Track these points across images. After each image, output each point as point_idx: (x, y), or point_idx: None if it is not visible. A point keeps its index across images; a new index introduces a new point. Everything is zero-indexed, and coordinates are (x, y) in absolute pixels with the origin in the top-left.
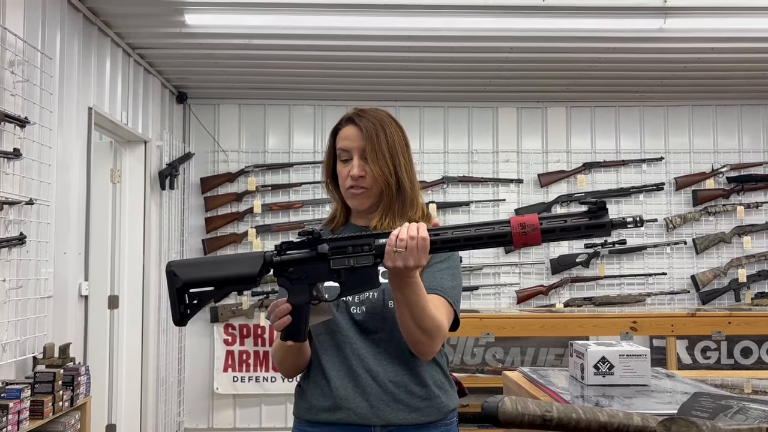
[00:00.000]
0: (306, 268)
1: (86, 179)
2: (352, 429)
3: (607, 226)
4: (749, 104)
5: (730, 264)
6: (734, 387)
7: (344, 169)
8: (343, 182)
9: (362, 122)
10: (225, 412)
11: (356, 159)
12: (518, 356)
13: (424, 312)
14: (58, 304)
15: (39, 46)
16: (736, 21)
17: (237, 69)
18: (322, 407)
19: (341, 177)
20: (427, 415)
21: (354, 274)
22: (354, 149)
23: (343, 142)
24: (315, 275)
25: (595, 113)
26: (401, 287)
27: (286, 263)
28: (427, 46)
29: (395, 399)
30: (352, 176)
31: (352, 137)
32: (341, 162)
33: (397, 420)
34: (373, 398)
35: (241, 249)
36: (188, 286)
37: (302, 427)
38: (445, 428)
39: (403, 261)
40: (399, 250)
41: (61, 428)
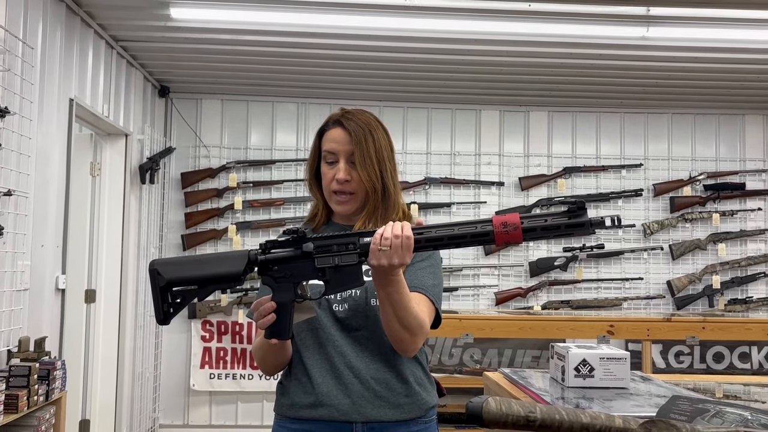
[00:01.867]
0: (290, 267)
1: (66, 171)
2: (334, 425)
3: (586, 225)
4: (727, 114)
5: (705, 270)
6: (706, 391)
7: (330, 171)
8: (328, 184)
9: (350, 125)
10: (201, 409)
11: (342, 163)
12: (496, 357)
13: (407, 310)
14: (35, 297)
15: (20, 35)
16: (717, 32)
17: (221, 64)
18: (303, 404)
19: (326, 179)
20: (407, 411)
21: (338, 273)
22: (341, 152)
23: (330, 144)
24: (299, 274)
25: (576, 118)
26: (385, 285)
27: (270, 262)
28: (411, 47)
29: (377, 396)
30: (337, 180)
31: (340, 140)
32: (326, 164)
33: (379, 416)
34: (354, 395)
35: (221, 245)
36: (172, 285)
37: (283, 423)
38: (425, 425)
39: (388, 259)
40: (384, 249)
41: (35, 423)
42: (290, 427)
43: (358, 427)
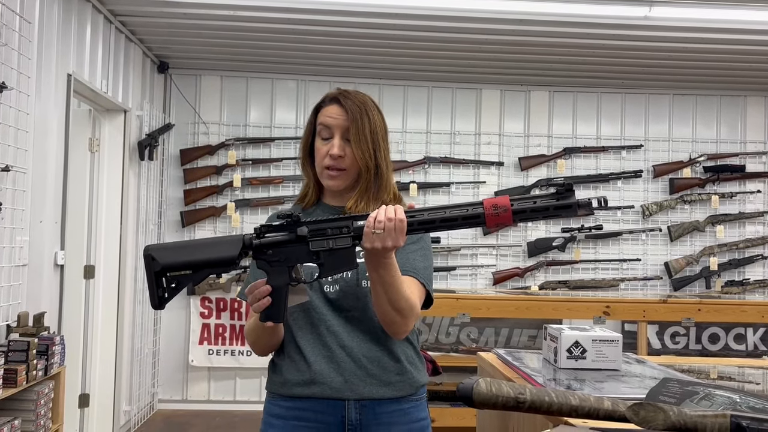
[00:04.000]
0: (285, 251)
1: (64, 147)
2: (327, 403)
3: (573, 207)
4: (729, 95)
5: (703, 252)
6: (701, 372)
7: (323, 146)
8: (321, 160)
9: (347, 103)
10: (199, 384)
11: (337, 139)
12: (492, 336)
13: (399, 293)
14: (33, 272)
15: (18, 9)
16: (720, 12)
17: (220, 40)
18: (296, 382)
19: (319, 154)
20: (399, 389)
21: (333, 255)
22: (336, 128)
23: (326, 119)
24: (294, 257)
25: (577, 98)
26: (377, 267)
27: (265, 246)
28: (412, 25)
29: (369, 374)
30: (331, 155)
31: (336, 116)
32: (321, 139)
33: (371, 394)
34: (347, 373)
35: (219, 222)
36: (166, 270)
37: (276, 401)
38: (415, 402)
39: (381, 242)
40: (377, 232)
41: (34, 397)
42: (283, 405)
43: (351, 404)
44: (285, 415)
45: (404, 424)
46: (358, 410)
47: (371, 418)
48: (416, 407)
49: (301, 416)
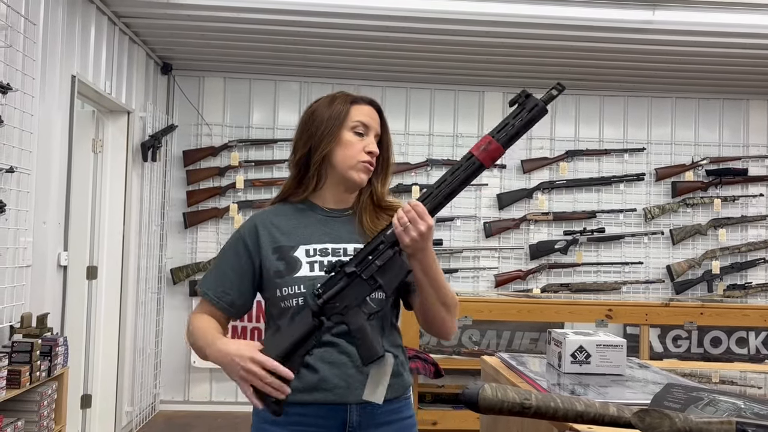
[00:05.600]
0: (347, 295)
1: (68, 148)
2: (330, 408)
3: (541, 106)
4: (731, 99)
5: (705, 255)
6: (702, 377)
7: (360, 142)
8: (356, 153)
9: (380, 109)
10: (201, 385)
11: (372, 138)
12: (494, 339)
13: (445, 287)
14: (37, 273)
15: (23, 11)
16: (723, 16)
17: (224, 42)
18: (297, 388)
19: (354, 148)
20: (394, 391)
21: (386, 272)
22: (372, 129)
23: (365, 117)
24: (357, 295)
25: (579, 101)
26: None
27: (329, 300)
28: (415, 28)
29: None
30: (371, 152)
31: (374, 117)
32: (354, 134)
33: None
34: (350, 378)
35: (222, 224)
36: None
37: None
38: (405, 401)
39: (416, 230)
40: (408, 225)
41: (37, 398)
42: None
43: (353, 408)
44: (281, 421)
45: (397, 422)
46: (358, 413)
47: (369, 419)
48: (406, 406)
49: (301, 421)
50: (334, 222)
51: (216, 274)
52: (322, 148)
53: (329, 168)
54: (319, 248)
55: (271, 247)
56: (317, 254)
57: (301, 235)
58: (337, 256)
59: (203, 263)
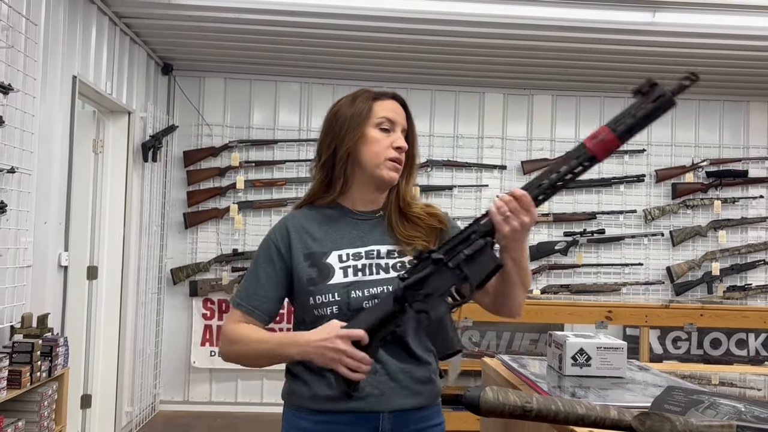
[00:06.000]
0: (431, 283)
1: (69, 149)
2: (362, 416)
3: (668, 96)
4: (732, 101)
5: (705, 257)
6: (702, 379)
7: (386, 138)
8: (383, 150)
9: (405, 104)
10: (201, 386)
11: (399, 133)
12: (494, 340)
13: (527, 270)
14: (37, 273)
15: (24, 11)
16: (724, 18)
17: (224, 43)
18: (327, 396)
19: (380, 145)
20: (426, 398)
21: (473, 262)
22: (399, 124)
23: (390, 113)
24: (441, 284)
25: (580, 102)
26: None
27: (413, 285)
28: (416, 29)
29: (402, 386)
30: (399, 147)
31: (399, 112)
32: (380, 130)
33: (403, 405)
34: (383, 386)
35: (222, 224)
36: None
37: (302, 415)
38: (436, 408)
39: (518, 220)
40: (509, 214)
41: (38, 398)
42: (311, 419)
43: (385, 416)
44: (314, 429)
45: (427, 429)
46: (391, 421)
47: (402, 427)
48: (436, 413)
49: (333, 429)
50: (365, 224)
51: (251, 283)
52: (346, 147)
53: (356, 168)
54: (351, 252)
55: (303, 253)
56: (350, 259)
57: (333, 241)
58: (371, 259)
59: (203, 263)
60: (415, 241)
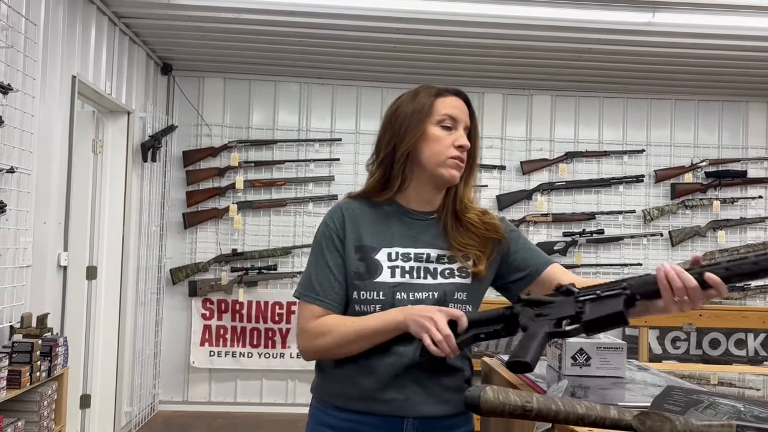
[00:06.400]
0: (552, 307)
1: (68, 149)
2: (386, 419)
3: None
4: (730, 101)
5: (704, 257)
6: (701, 378)
7: (448, 136)
8: (445, 149)
9: (467, 101)
10: (200, 386)
11: (462, 131)
12: (493, 340)
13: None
14: (37, 273)
15: (23, 11)
16: (723, 18)
17: (224, 43)
18: (353, 396)
19: (442, 143)
20: (455, 407)
21: (600, 305)
22: (461, 122)
23: (453, 110)
24: (559, 311)
25: (579, 103)
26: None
27: (533, 303)
28: (415, 29)
29: (429, 393)
30: (462, 146)
31: (462, 109)
32: (442, 128)
33: (429, 412)
34: (408, 392)
35: (221, 224)
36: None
37: (328, 411)
38: (464, 417)
39: (690, 306)
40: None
41: (38, 398)
42: (337, 416)
43: (409, 422)
44: (339, 426)
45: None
46: (415, 427)
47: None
48: (464, 421)
49: (357, 429)
50: (418, 225)
51: (323, 274)
52: (406, 145)
53: (415, 166)
54: (401, 252)
55: (354, 245)
56: (399, 258)
57: (384, 237)
58: (420, 262)
59: (203, 263)
60: (469, 249)
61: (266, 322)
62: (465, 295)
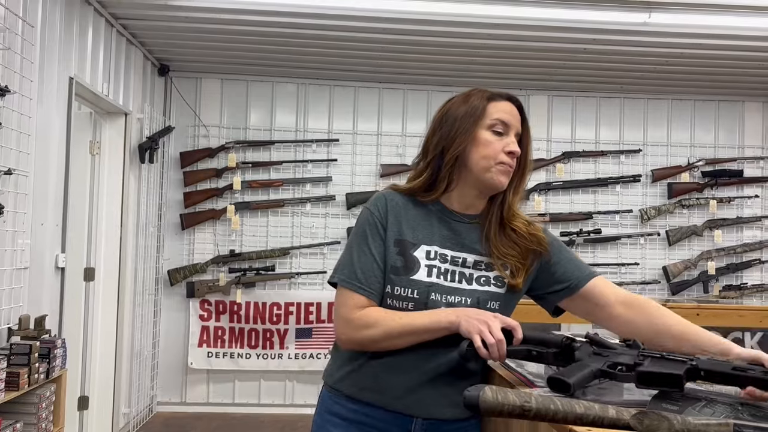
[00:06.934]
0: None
1: (65, 150)
2: (395, 416)
3: None
4: (727, 101)
5: (701, 256)
6: None
7: (499, 141)
8: (495, 154)
9: (520, 106)
10: (198, 387)
11: (513, 137)
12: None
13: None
14: (35, 275)
15: (20, 13)
16: (719, 18)
17: (221, 44)
18: (367, 386)
19: (492, 148)
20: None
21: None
22: (513, 127)
23: (505, 115)
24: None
25: (576, 103)
26: None
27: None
28: (411, 30)
29: (441, 394)
30: (512, 152)
31: (514, 115)
32: (493, 132)
33: (439, 414)
34: (422, 391)
35: (219, 225)
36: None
37: (339, 400)
38: (473, 421)
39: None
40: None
41: (36, 400)
42: (347, 406)
43: (418, 422)
44: (348, 416)
45: None
46: (424, 428)
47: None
48: (472, 425)
49: (365, 422)
50: (460, 227)
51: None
52: (455, 148)
53: (463, 170)
54: (440, 252)
55: (394, 238)
56: (437, 258)
57: (425, 235)
58: (456, 266)
59: (200, 264)
60: (508, 259)
61: (264, 323)
62: (498, 305)
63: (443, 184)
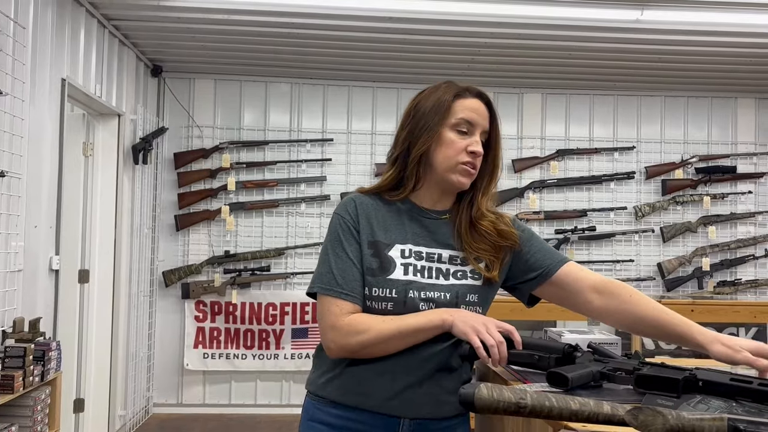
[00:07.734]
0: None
1: (58, 152)
2: (382, 418)
3: None
4: (720, 97)
5: (695, 253)
6: None
7: (462, 141)
8: (456, 154)
9: (489, 102)
10: (194, 388)
11: (477, 136)
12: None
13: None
14: (28, 278)
15: (12, 14)
16: (711, 15)
17: (214, 44)
18: (352, 390)
19: (455, 147)
20: (453, 409)
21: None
22: (478, 126)
23: (470, 113)
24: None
25: (570, 101)
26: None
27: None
28: (406, 29)
29: (427, 393)
30: (474, 152)
31: (481, 113)
32: (456, 132)
33: (426, 414)
34: (409, 392)
35: (214, 225)
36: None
37: (321, 406)
38: (461, 419)
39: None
40: None
41: (31, 403)
42: (331, 412)
43: (405, 422)
44: (333, 423)
45: None
46: (412, 428)
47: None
48: (460, 423)
49: (351, 427)
50: (431, 223)
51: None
52: (420, 147)
53: (428, 168)
54: (414, 250)
55: (367, 240)
56: (412, 256)
57: (397, 233)
58: (431, 262)
59: (195, 265)
60: (482, 254)
61: (260, 323)
62: (477, 297)
63: (411, 182)
